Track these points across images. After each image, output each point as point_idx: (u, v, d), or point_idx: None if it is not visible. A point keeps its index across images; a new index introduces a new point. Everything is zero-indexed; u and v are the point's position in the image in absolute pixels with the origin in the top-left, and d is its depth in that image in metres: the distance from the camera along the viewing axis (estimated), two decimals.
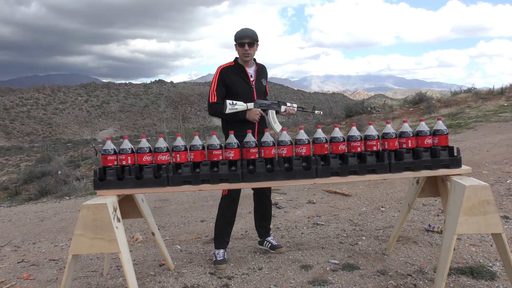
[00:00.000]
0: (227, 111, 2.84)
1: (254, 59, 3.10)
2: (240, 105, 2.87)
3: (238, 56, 3.01)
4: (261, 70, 3.11)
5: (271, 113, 2.97)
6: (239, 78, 2.97)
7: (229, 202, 3.00)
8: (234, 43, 2.97)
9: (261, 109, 2.95)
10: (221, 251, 2.99)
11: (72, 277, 2.31)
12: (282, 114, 3.03)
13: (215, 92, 2.95)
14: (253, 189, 3.11)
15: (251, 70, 3.03)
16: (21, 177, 13.18)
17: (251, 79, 3.01)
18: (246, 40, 2.90)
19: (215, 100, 2.93)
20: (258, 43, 3.00)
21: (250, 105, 2.90)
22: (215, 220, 3.06)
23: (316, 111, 3.18)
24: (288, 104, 3.00)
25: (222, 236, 3.02)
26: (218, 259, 2.94)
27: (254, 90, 3.00)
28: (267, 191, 3.16)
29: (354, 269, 2.68)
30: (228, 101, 2.85)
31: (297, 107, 3.05)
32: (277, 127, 2.93)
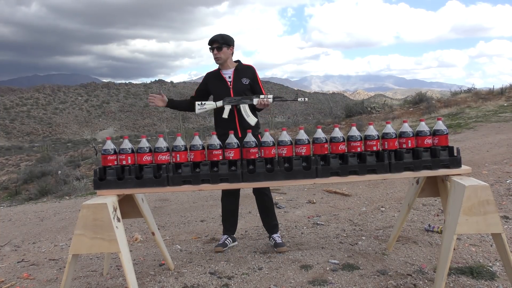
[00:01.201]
0: (197, 111, 3.07)
1: (239, 61, 3.21)
2: (209, 105, 3.06)
3: None
4: (242, 70, 3.16)
5: (243, 108, 3.01)
6: (217, 82, 3.16)
7: (225, 194, 3.27)
8: None
9: (232, 105, 3.02)
10: (224, 236, 3.31)
11: (72, 276, 2.32)
12: (257, 107, 3.04)
13: (195, 91, 3.28)
14: (253, 190, 3.23)
15: (228, 72, 3.16)
16: (21, 176, 13.18)
17: (228, 80, 3.14)
18: (214, 44, 3.08)
19: (193, 95, 3.28)
20: (231, 45, 3.12)
21: (219, 103, 3.04)
22: None
23: (300, 98, 3.03)
24: (262, 96, 3.00)
25: (225, 223, 3.33)
26: (219, 242, 3.29)
27: (231, 90, 3.11)
28: (266, 189, 3.24)
29: (354, 269, 2.68)
30: (197, 102, 3.06)
31: (275, 97, 3.01)
32: (251, 120, 3.01)
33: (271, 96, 3.00)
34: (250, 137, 2.38)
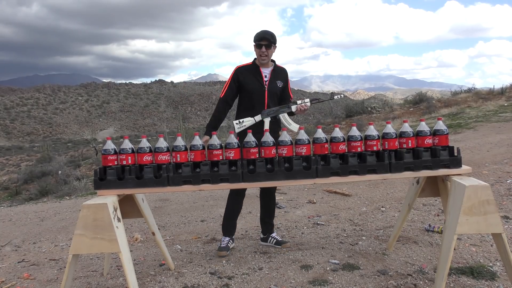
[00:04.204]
0: (237, 130, 2.95)
1: (274, 61, 3.18)
2: (247, 121, 2.97)
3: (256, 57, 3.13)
4: (278, 72, 3.15)
5: (283, 117, 2.98)
6: (252, 77, 3.08)
7: (233, 194, 3.20)
8: (253, 43, 3.06)
9: (271, 117, 2.97)
10: (226, 238, 3.21)
11: (72, 277, 2.32)
12: (296, 113, 3.03)
13: (225, 90, 3.11)
14: (261, 188, 3.26)
15: (266, 71, 3.12)
16: (22, 177, 13.19)
17: (265, 79, 3.10)
18: (263, 42, 3.01)
19: (222, 96, 3.11)
20: (276, 45, 3.09)
21: (258, 117, 2.98)
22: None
23: (336, 96, 3.03)
24: (299, 101, 2.98)
25: (226, 224, 3.24)
26: (221, 245, 3.16)
27: (266, 90, 3.08)
28: (273, 190, 3.30)
29: (354, 269, 2.68)
30: (235, 121, 2.97)
31: (312, 100, 3.00)
32: (294, 127, 2.94)
33: (308, 100, 2.99)
34: (250, 137, 2.38)
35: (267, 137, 2.37)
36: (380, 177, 2.33)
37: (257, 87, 3.06)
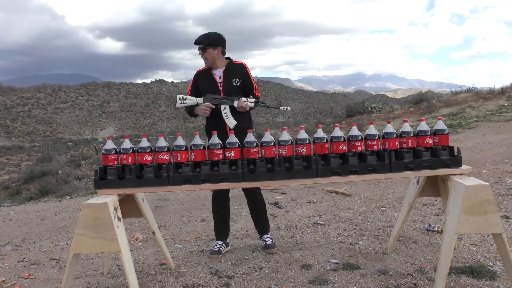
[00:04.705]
0: (177, 105, 2.97)
1: (230, 59, 3.10)
2: (189, 100, 2.97)
3: None
4: (232, 70, 3.04)
5: (223, 108, 2.91)
6: (207, 81, 3.05)
7: (215, 200, 3.20)
8: None
9: (213, 103, 2.92)
10: (218, 242, 3.19)
11: (73, 276, 2.32)
12: (237, 109, 2.91)
13: (188, 94, 3.11)
14: (243, 190, 3.16)
15: (218, 72, 3.04)
16: (22, 176, 13.20)
17: (218, 80, 3.02)
18: (198, 45, 3.00)
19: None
20: (219, 46, 2.99)
21: (200, 99, 2.96)
22: None
23: (282, 107, 2.95)
24: (244, 99, 2.88)
25: (217, 229, 3.24)
26: (213, 249, 3.16)
27: (222, 92, 2.99)
28: (257, 189, 3.16)
29: (355, 269, 2.68)
30: (178, 95, 2.97)
31: (257, 102, 2.92)
32: (230, 122, 2.90)
33: (253, 100, 2.91)
34: (251, 137, 2.38)
35: (268, 137, 2.37)
36: (380, 177, 2.33)
37: (211, 91, 2.98)
